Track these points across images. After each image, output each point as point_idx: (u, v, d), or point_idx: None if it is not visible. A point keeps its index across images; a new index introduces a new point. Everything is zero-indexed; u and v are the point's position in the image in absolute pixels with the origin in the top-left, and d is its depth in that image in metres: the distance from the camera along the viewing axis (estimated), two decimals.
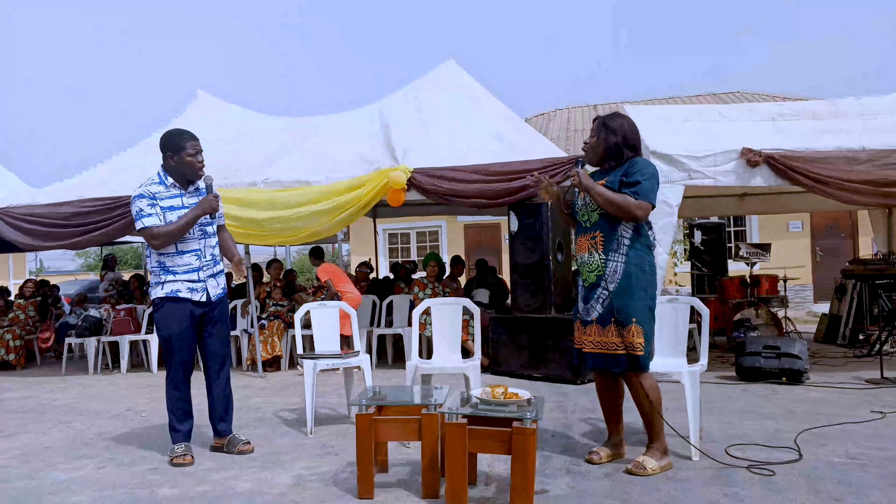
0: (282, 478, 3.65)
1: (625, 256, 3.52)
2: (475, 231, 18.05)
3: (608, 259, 3.55)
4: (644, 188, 3.47)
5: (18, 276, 21.09)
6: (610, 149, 3.63)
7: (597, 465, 3.69)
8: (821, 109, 6.64)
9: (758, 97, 16.35)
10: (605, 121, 3.66)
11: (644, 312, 3.51)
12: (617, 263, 3.53)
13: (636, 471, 3.49)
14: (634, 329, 3.49)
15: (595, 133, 3.68)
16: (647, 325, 3.51)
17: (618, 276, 3.52)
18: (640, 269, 3.51)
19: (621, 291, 3.50)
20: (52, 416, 5.67)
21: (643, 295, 3.51)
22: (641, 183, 3.47)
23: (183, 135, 4.11)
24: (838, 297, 8.85)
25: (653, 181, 3.52)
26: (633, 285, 3.49)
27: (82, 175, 8.92)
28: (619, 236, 3.54)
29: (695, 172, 5.78)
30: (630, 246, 3.53)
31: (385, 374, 7.23)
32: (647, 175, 3.50)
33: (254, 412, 5.42)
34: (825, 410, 4.84)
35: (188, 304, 4.07)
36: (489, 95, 8.57)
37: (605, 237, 3.57)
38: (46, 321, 9.98)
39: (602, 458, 3.74)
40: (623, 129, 3.62)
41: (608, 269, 3.54)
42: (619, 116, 3.71)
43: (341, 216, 6.82)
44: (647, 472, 3.47)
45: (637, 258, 3.52)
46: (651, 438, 3.62)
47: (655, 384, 3.59)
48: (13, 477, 3.86)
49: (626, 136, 3.62)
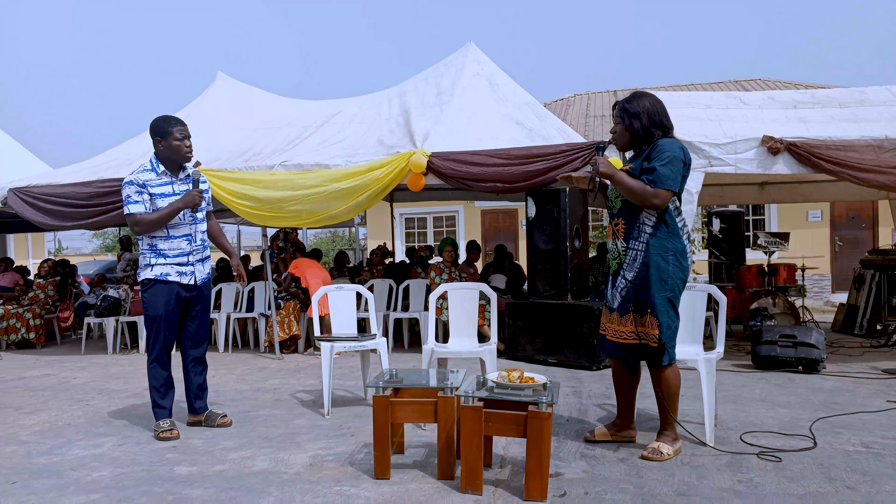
0: (298, 458, 3.69)
1: (645, 245, 3.45)
2: (492, 216, 18.03)
3: (628, 248, 3.50)
4: (661, 174, 3.35)
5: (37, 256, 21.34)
6: (637, 134, 3.51)
7: (587, 441, 3.80)
8: (845, 97, 6.54)
9: (780, 84, 16.15)
10: (626, 105, 3.54)
11: (662, 304, 3.42)
12: (636, 252, 3.47)
13: (652, 456, 3.49)
14: (650, 320, 3.45)
15: (618, 120, 3.58)
16: (664, 316, 3.43)
17: (637, 266, 3.46)
18: (661, 259, 3.42)
19: (639, 281, 3.46)
20: (72, 394, 5.75)
21: (662, 286, 3.42)
22: (657, 169, 3.35)
23: (170, 120, 4.22)
24: (857, 288, 8.78)
25: (672, 165, 3.37)
26: (652, 275, 3.42)
27: (102, 156, 9.00)
28: (640, 224, 3.47)
29: (715, 160, 5.73)
30: (652, 234, 3.45)
31: (401, 357, 7.26)
32: (665, 159, 3.36)
33: (271, 393, 5.48)
34: (841, 400, 4.82)
35: (175, 287, 4.22)
36: (510, 80, 8.54)
37: (627, 225, 3.51)
38: (66, 301, 10.10)
39: (594, 436, 3.82)
40: (646, 110, 3.49)
41: (627, 258, 3.50)
42: (639, 97, 3.56)
43: (359, 199, 6.82)
44: (663, 457, 3.47)
45: (659, 247, 3.43)
46: (664, 425, 3.62)
47: (677, 373, 3.57)
48: (34, 453, 3.93)
49: (652, 116, 3.48)
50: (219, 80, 10.02)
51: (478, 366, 4.70)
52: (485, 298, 5.50)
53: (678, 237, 3.48)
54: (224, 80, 10.05)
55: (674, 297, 3.47)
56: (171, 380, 4.32)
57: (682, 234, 3.51)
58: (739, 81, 17.33)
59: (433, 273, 7.94)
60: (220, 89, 9.85)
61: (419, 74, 8.85)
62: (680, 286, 3.49)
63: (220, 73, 10.14)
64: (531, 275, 7.00)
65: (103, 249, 33.32)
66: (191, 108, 9.36)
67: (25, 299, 9.63)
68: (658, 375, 3.55)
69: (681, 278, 3.48)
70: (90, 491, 3.25)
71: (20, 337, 9.11)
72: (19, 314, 9.13)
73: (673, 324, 3.48)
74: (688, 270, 3.52)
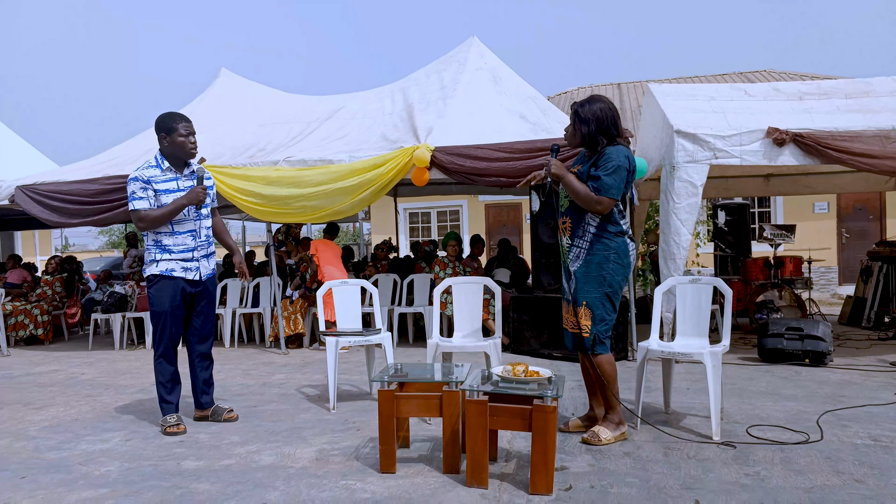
0: (305, 452, 3.70)
1: (588, 244, 3.65)
2: (496, 210, 18.01)
3: (573, 245, 3.70)
4: (605, 183, 3.52)
5: (45, 253, 21.40)
6: (584, 138, 3.70)
7: (561, 432, 3.83)
8: (851, 88, 6.49)
9: (785, 76, 16.08)
10: (578, 109, 3.70)
11: (598, 298, 3.63)
12: (580, 250, 3.67)
13: (591, 440, 3.65)
14: (583, 311, 3.65)
15: (571, 120, 3.77)
16: (597, 309, 3.63)
17: (579, 262, 3.66)
18: (602, 258, 3.63)
19: (580, 275, 3.67)
20: (80, 389, 5.78)
21: (600, 282, 3.62)
22: (602, 178, 3.53)
23: (174, 117, 4.24)
24: (864, 280, 8.74)
25: (616, 175, 3.53)
26: (591, 272, 3.63)
27: (107, 153, 9.03)
28: (585, 224, 3.66)
29: (720, 152, 5.71)
30: (595, 234, 3.64)
31: (406, 352, 7.27)
32: (610, 169, 3.53)
33: (277, 388, 5.49)
34: (848, 392, 4.81)
35: (181, 283, 4.24)
36: (513, 74, 8.52)
37: (573, 223, 3.70)
38: (73, 297, 10.14)
39: (568, 427, 3.91)
40: (595, 116, 3.63)
41: (571, 255, 3.71)
42: (592, 101, 3.70)
43: (363, 195, 6.82)
44: (601, 441, 3.63)
45: (601, 247, 3.62)
46: (606, 409, 3.76)
47: (611, 360, 3.73)
48: (43, 448, 3.96)
49: (599, 122, 3.63)
50: (222, 77, 10.03)
51: (482, 360, 4.70)
52: (489, 292, 5.48)
53: (621, 237, 3.68)
54: (227, 76, 10.07)
55: (612, 294, 3.67)
56: (178, 375, 4.34)
57: (625, 236, 3.70)
58: (744, 73, 17.26)
59: (437, 267, 7.94)
60: (223, 85, 9.86)
61: (422, 69, 8.85)
62: (621, 283, 3.68)
63: (223, 69, 10.15)
64: (535, 269, 6.99)
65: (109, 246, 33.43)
66: (195, 104, 9.38)
67: (33, 296, 9.67)
68: (594, 362, 3.71)
69: (622, 275, 3.67)
70: (98, 485, 3.27)
71: (28, 333, 9.15)
72: (27, 311, 9.18)
73: (608, 317, 3.67)
74: (629, 268, 3.70)
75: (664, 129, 6.02)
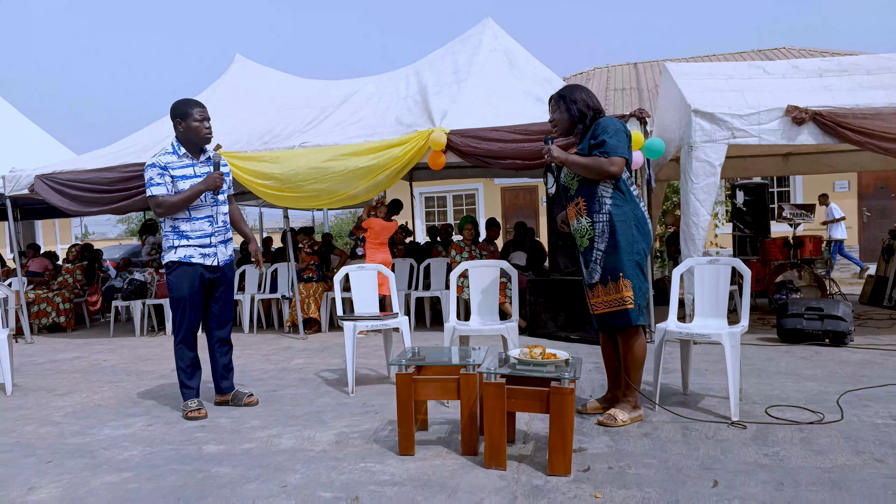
0: (324, 435, 3.73)
1: (608, 215, 3.63)
2: (512, 194, 17.96)
3: (594, 221, 3.67)
4: (611, 145, 3.56)
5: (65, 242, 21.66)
6: (574, 115, 3.76)
7: (579, 414, 3.84)
8: (872, 64, 6.38)
9: (804, 52, 15.83)
10: (562, 93, 3.83)
11: (632, 268, 3.62)
12: (603, 224, 3.65)
13: (607, 422, 3.65)
14: (623, 283, 3.62)
15: (555, 108, 3.84)
16: (635, 279, 3.63)
17: (606, 236, 3.64)
18: (625, 225, 3.62)
19: (609, 249, 3.64)
20: (102, 375, 5.86)
21: (629, 250, 3.62)
22: (607, 142, 3.57)
23: (189, 103, 4.27)
24: (885, 259, 8.64)
25: (619, 136, 3.60)
26: (620, 242, 3.61)
27: (124, 141, 9.08)
28: (599, 197, 3.65)
29: (738, 131, 5.64)
30: (612, 204, 3.63)
31: (423, 336, 7.30)
32: (611, 132, 3.59)
33: (296, 373, 5.54)
34: (868, 372, 4.77)
35: (199, 269, 4.28)
36: (528, 55, 8.44)
37: (588, 201, 3.69)
38: (94, 285, 10.25)
39: (586, 409, 3.92)
40: (579, 96, 3.77)
41: (597, 231, 3.67)
42: (572, 88, 3.86)
43: (379, 178, 6.81)
44: (617, 423, 3.63)
45: (621, 214, 3.62)
46: (625, 392, 3.76)
47: (644, 343, 3.73)
48: (67, 433, 4.02)
49: (586, 101, 3.76)
50: (237, 63, 10.03)
51: (499, 343, 4.71)
52: (506, 276, 5.48)
53: (636, 204, 3.70)
54: (242, 62, 10.07)
55: (641, 261, 3.67)
56: (198, 360, 4.39)
57: (641, 203, 3.73)
58: (763, 51, 17.02)
59: (453, 251, 7.94)
60: (238, 72, 9.86)
61: (436, 51, 8.78)
62: (645, 251, 3.69)
63: (238, 55, 10.15)
64: (552, 251, 6.97)
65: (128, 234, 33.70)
66: (210, 91, 9.39)
67: (55, 284, 9.79)
68: (628, 343, 3.70)
69: (646, 244, 3.70)
70: (122, 469, 3.32)
71: (51, 321, 9.29)
72: (49, 298, 9.30)
73: (643, 286, 3.68)
74: (649, 237, 3.72)
75: (682, 108, 5.96)
